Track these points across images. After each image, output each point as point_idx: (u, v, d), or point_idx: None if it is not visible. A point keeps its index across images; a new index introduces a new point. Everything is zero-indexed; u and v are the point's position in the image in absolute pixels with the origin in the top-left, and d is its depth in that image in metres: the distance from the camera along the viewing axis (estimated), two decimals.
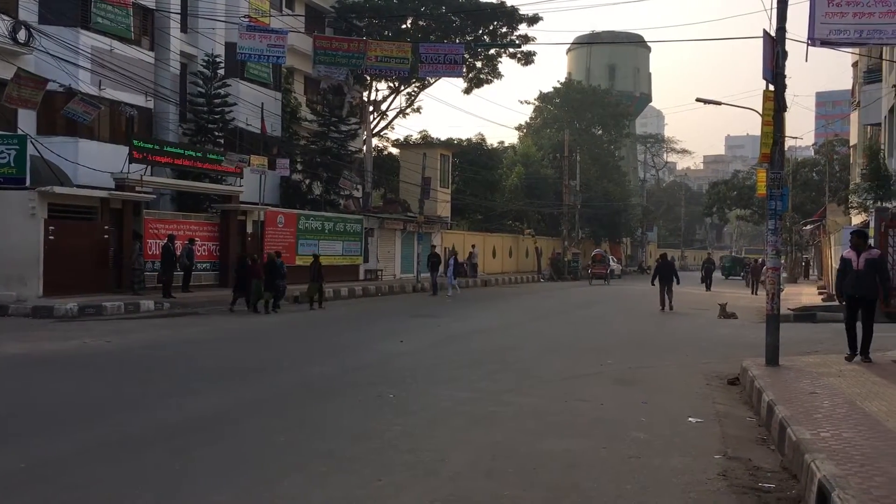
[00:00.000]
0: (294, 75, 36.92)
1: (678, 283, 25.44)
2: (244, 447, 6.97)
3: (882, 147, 28.64)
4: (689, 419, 8.39)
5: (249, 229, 28.37)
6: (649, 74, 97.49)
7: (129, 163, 23.33)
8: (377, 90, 42.83)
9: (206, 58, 29.20)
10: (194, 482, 5.92)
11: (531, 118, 70.94)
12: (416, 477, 6.10)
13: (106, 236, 22.62)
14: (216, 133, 29.70)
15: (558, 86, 70.18)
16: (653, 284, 25.52)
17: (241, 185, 28.63)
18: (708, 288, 35.90)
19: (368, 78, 39.69)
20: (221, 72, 29.75)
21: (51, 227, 20.82)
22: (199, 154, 27.10)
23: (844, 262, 11.16)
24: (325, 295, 23.30)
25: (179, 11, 28.80)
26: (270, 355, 13.22)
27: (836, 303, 24.15)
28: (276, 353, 13.47)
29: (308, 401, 9.15)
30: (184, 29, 29.91)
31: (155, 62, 28.22)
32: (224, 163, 27.33)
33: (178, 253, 23.56)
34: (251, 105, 30.87)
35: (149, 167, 24.60)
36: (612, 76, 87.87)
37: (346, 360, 12.56)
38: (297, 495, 5.65)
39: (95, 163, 23.88)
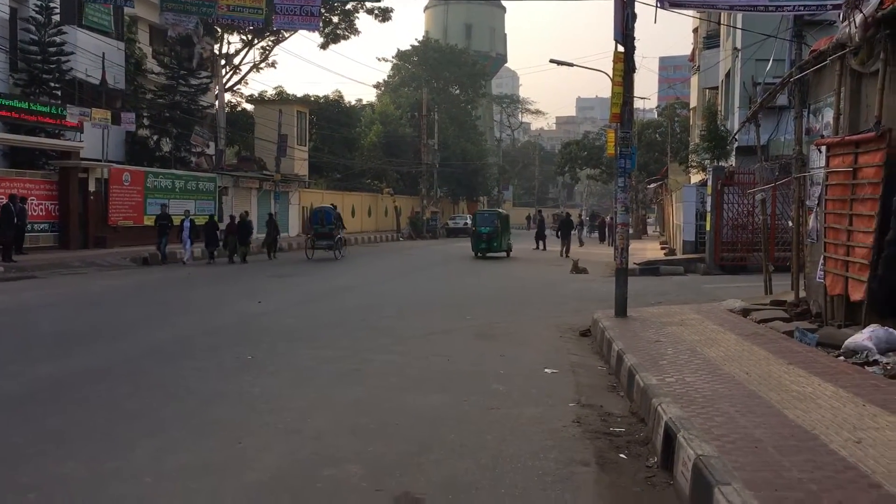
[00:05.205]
0: (138, 24, 34.75)
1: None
2: (92, 416, 6.60)
3: (719, 109, 30.47)
4: (545, 370, 8.68)
5: (92, 188, 26.80)
6: (505, 35, 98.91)
7: None
8: (229, 43, 41.24)
9: (38, 2, 26.94)
10: (38, 455, 5.54)
11: (389, 76, 70.53)
12: (277, 437, 6.00)
13: None
14: (52, 84, 27.57)
15: (416, 44, 70.08)
16: (557, 236, 32.54)
17: (81, 141, 26.88)
18: (539, 246, 35.29)
19: (220, 30, 38.08)
20: (56, 18, 27.57)
21: None
22: (33, 106, 25.20)
23: None
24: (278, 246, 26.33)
25: None
26: (120, 318, 12.57)
27: (678, 256, 25.88)
28: (127, 316, 12.82)
29: (161, 365, 8.78)
30: None
31: None
32: (66, 117, 25.51)
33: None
34: (91, 55, 28.81)
35: None
36: (468, 35, 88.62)
37: (201, 322, 12.16)
38: (148, 463, 5.38)
39: None
